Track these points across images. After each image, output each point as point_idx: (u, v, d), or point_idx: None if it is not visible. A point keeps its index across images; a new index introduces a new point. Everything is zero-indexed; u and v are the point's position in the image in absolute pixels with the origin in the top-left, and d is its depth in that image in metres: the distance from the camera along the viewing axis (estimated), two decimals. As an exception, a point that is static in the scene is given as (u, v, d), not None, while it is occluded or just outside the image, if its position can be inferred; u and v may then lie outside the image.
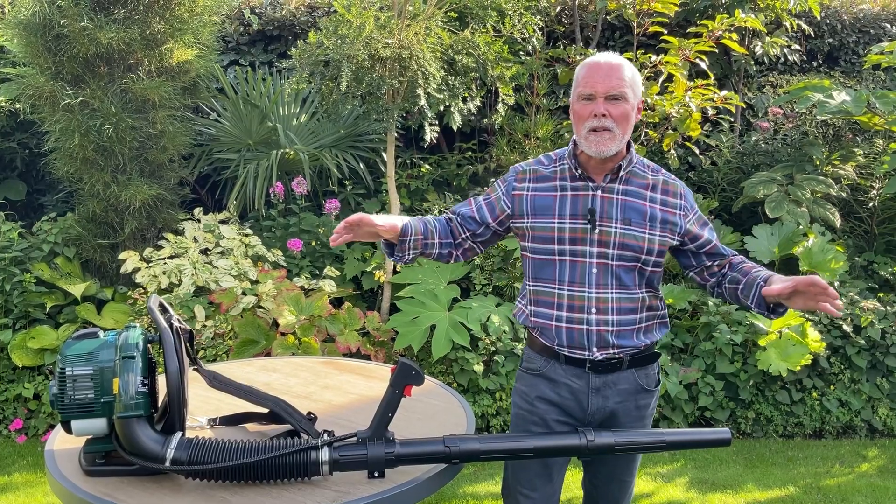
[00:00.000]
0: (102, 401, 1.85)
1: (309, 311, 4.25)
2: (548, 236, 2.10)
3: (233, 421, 2.20)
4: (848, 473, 3.90)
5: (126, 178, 4.54)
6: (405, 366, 1.92)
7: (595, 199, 2.07)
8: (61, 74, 4.39)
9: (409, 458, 1.91)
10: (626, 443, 1.97)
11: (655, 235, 2.07)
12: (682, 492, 3.68)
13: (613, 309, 2.08)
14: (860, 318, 4.45)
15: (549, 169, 2.15)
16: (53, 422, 4.22)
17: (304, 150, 5.01)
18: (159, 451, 1.81)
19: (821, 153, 5.37)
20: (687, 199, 2.14)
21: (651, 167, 2.16)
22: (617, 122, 2.00)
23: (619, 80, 2.00)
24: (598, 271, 2.08)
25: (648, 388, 2.19)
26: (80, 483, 1.87)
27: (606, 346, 2.09)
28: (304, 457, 1.85)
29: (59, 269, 4.66)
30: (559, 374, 2.14)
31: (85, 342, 1.91)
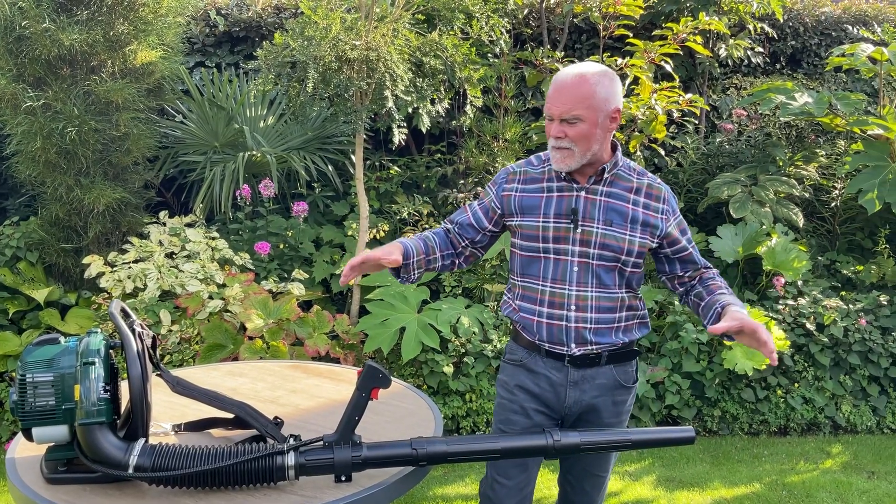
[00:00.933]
0: (64, 407, 1.82)
1: (277, 314, 4.23)
2: (533, 234, 2.18)
3: (198, 426, 2.18)
4: (812, 470, 3.97)
5: (90, 181, 4.47)
6: (372, 369, 1.92)
7: (578, 199, 2.14)
8: (23, 76, 4.32)
9: (376, 461, 1.90)
10: (591, 442, 1.98)
11: (636, 237, 2.13)
12: (650, 490, 3.72)
13: (592, 307, 2.15)
14: (823, 316, 4.53)
15: (538, 169, 2.23)
16: (17, 429, 4.14)
17: (272, 152, 4.98)
18: (122, 457, 1.79)
19: (784, 154, 5.45)
20: (670, 204, 2.19)
21: (637, 170, 2.21)
22: (575, 142, 2.07)
23: (574, 103, 2.04)
24: (580, 269, 2.14)
25: (626, 384, 2.25)
26: (41, 491, 1.84)
27: (584, 343, 2.16)
28: (270, 462, 1.84)
29: (22, 274, 4.58)
30: (540, 365, 2.22)
31: (45, 348, 1.89)
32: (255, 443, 1.94)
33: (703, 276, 2.25)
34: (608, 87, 2.07)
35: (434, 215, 5.25)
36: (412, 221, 5.20)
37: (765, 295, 4.90)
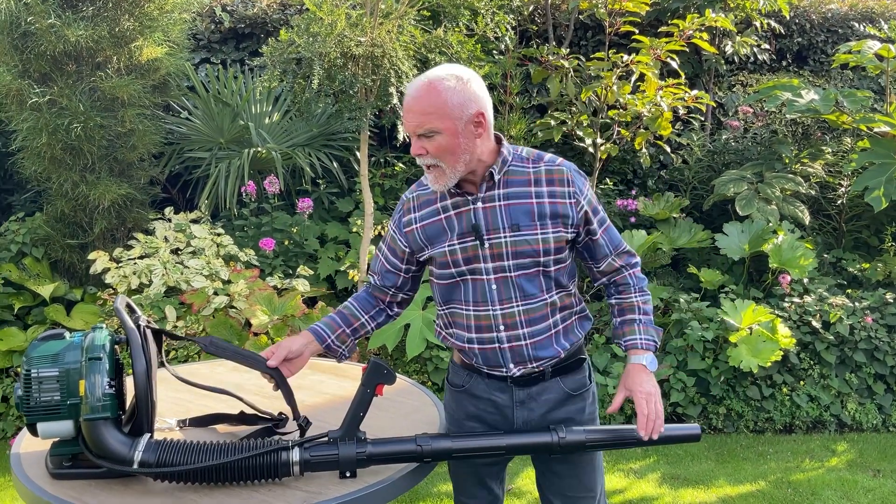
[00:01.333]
0: (69, 403, 1.83)
1: (282, 311, 4.23)
2: (444, 261, 2.00)
3: (203, 422, 2.18)
4: (818, 468, 3.96)
5: (95, 177, 4.48)
6: (376, 365, 1.92)
7: (477, 212, 1.96)
8: (28, 73, 4.33)
9: (380, 457, 1.90)
10: (597, 440, 1.98)
11: (548, 233, 1.95)
12: (654, 487, 3.71)
13: (522, 322, 1.98)
14: (829, 314, 4.51)
15: (430, 189, 2.01)
16: (23, 424, 4.16)
17: (277, 148, 4.98)
18: (127, 453, 1.79)
19: (790, 151, 5.43)
20: (576, 185, 1.98)
21: (531, 158, 2.00)
22: (439, 157, 1.88)
23: (424, 117, 1.85)
24: (498, 286, 1.97)
25: (577, 392, 2.09)
26: (46, 486, 1.84)
27: (523, 361, 2.01)
28: (275, 457, 1.84)
29: (28, 270, 4.59)
30: (482, 389, 2.09)
31: (50, 343, 1.89)
32: (259, 438, 1.94)
33: (618, 283, 2.11)
34: (462, 92, 1.85)
35: (439, 212, 5.24)
36: (417, 218, 5.19)
37: (770, 292, 4.88)
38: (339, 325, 2.13)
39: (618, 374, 4.33)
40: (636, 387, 1.99)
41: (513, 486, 3.65)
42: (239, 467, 1.81)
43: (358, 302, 2.18)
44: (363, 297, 2.20)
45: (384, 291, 2.17)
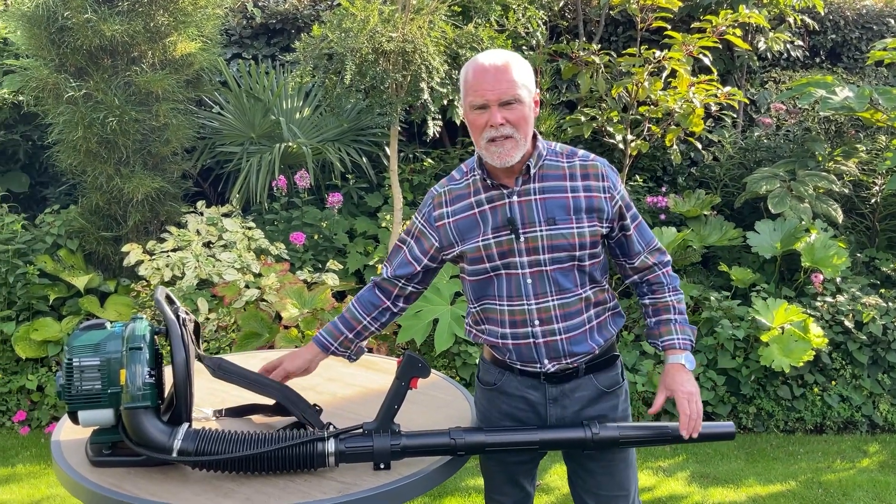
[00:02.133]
0: (109, 392, 1.85)
1: (312, 304, 4.26)
2: (477, 256, 1.99)
3: (239, 412, 2.21)
4: (849, 468, 3.91)
5: (129, 170, 4.54)
6: (412, 358, 1.93)
7: (512, 206, 1.96)
8: (65, 66, 4.39)
9: (414, 449, 1.91)
10: (630, 436, 1.98)
11: (584, 228, 1.95)
12: (684, 486, 3.69)
13: (557, 316, 1.98)
14: (862, 313, 4.46)
15: (462, 184, 2.04)
16: (57, 413, 4.24)
17: (307, 143, 5.01)
18: (166, 441, 1.82)
19: (823, 149, 5.37)
20: (610, 179, 2.00)
21: (565, 153, 2.02)
22: (517, 127, 1.88)
23: (510, 83, 1.86)
24: (534, 280, 1.97)
25: (610, 390, 2.08)
26: (86, 473, 1.87)
27: (558, 357, 2.00)
28: (311, 448, 1.86)
29: (63, 262, 4.66)
30: (514, 386, 2.07)
31: (92, 333, 1.92)
32: (296, 429, 1.96)
33: (650, 281, 2.11)
34: (528, 71, 1.93)
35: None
36: (446, 213, 5.20)
37: (802, 291, 4.83)
38: (342, 331, 2.15)
39: (646, 371, 4.31)
40: (677, 386, 2.00)
41: (541, 483, 3.65)
42: (276, 457, 1.84)
43: (360, 304, 2.17)
44: (366, 298, 2.18)
45: (393, 284, 2.15)
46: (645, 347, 4.47)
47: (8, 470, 3.71)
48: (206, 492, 1.80)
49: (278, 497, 1.78)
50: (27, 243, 4.58)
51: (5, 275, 4.35)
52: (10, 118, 5.30)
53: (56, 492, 3.47)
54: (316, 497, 1.77)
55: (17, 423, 4.19)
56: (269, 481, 1.86)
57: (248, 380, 2.09)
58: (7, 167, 5.52)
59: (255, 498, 1.77)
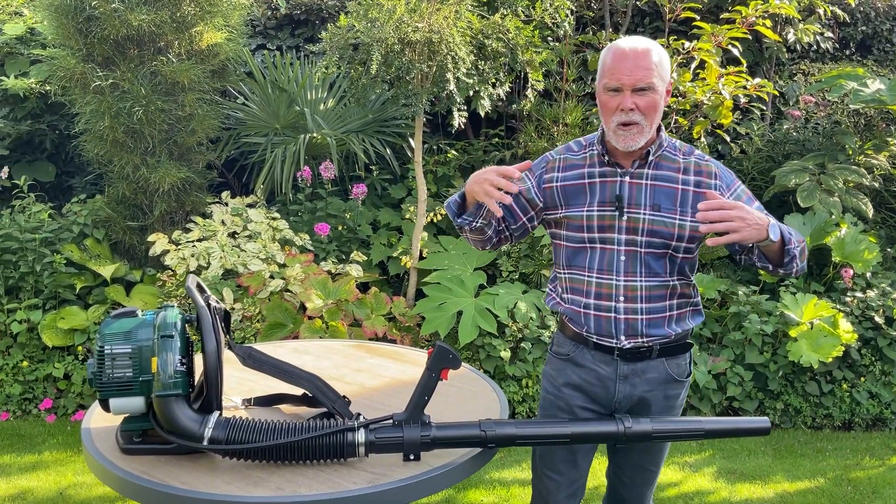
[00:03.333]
0: (141, 379, 1.85)
1: (336, 295, 4.26)
2: (578, 224, 2.07)
3: (267, 402, 2.21)
4: (879, 466, 3.86)
5: (155, 160, 4.55)
6: (442, 349, 1.91)
7: (623, 185, 2.03)
8: (92, 56, 4.41)
9: (445, 441, 1.90)
10: (663, 430, 1.95)
11: (686, 221, 2.00)
12: (710, 482, 3.66)
13: (642, 297, 2.04)
14: (892, 309, 4.39)
15: (579, 155, 2.11)
16: (83, 402, 4.27)
17: (332, 134, 5.00)
18: (197, 430, 1.82)
19: (853, 142, 5.28)
20: (723, 179, 2.04)
21: (683, 150, 2.08)
22: (645, 115, 1.93)
23: (646, 71, 1.91)
24: (627, 259, 2.04)
25: (679, 378, 2.14)
26: (116, 461, 1.88)
27: (635, 335, 2.06)
28: (341, 438, 1.85)
29: (89, 251, 4.69)
30: (587, 359, 2.12)
31: (123, 321, 1.92)
32: (325, 419, 1.95)
33: None
34: (667, 60, 1.97)
35: (492, 200, 5.21)
36: (470, 205, 5.18)
37: (832, 287, 4.77)
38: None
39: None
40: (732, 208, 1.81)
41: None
42: (306, 447, 1.83)
43: None
44: None
45: (500, 221, 2.17)
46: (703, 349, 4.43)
47: (35, 457, 3.74)
48: (237, 480, 1.80)
49: (308, 486, 1.77)
50: (54, 232, 4.60)
51: (32, 263, 4.37)
52: (37, 108, 5.33)
53: (83, 479, 3.50)
54: (346, 487, 1.77)
55: (44, 410, 4.23)
56: (299, 471, 1.85)
57: (277, 369, 2.09)
58: (34, 157, 5.56)
59: (285, 487, 1.77)
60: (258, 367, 2.10)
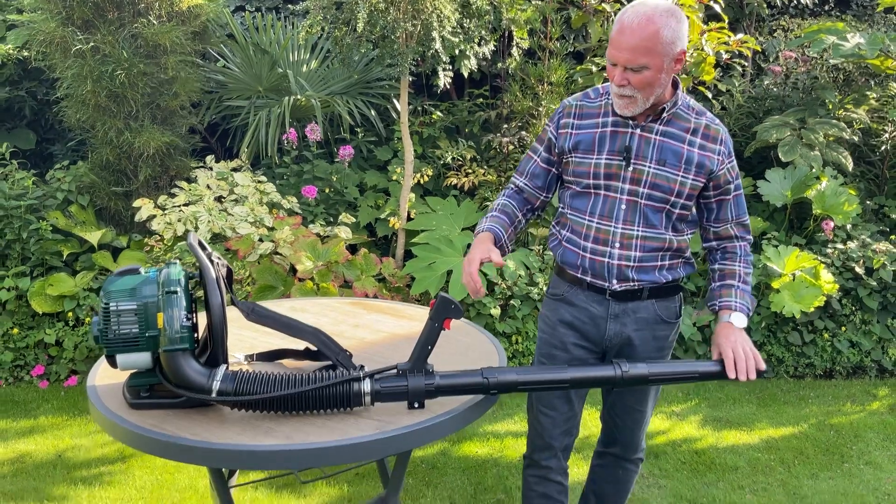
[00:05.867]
0: (147, 335, 1.87)
1: (326, 257, 4.28)
2: (585, 171, 2.14)
3: (269, 357, 2.24)
4: (859, 411, 3.98)
5: (139, 124, 4.52)
6: (445, 300, 1.95)
7: (633, 137, 2.09)
8: (71, 20, 4.34)
9: (448, 389, 1.94)
10: (659, 374, 2.01)
11: (688, 179, 2.08)
12: (697, 429, 3.76)
13: (637, 245, 2.12)
14: (872, 260, 4.49)
15: (595, 103, 2.17)
16: (76, 367, 4.28)
17: (316, 96, 4.98)
18: (205, 383, 1.85)
19: (833, 97, 5.34)
20: (726, 146, 2.12)
21: (696, 110, 2.13)
22: (639, 89, 1.98)
23: (638, 53, 1.92)
24: (627, 207, 2.11)
25: (668, 319, 2.23)
26: (127, 416, 1.90)
27: (626, 280, 2.14)
28: (348, 388, 1.89)
29: (74, 217, 4.66)
30: (581, 299, 2.21)
31: (127, 278, 1.93)
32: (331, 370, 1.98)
33: (727, 250, 2.23)
34: (675, 29, 1.93)
35: (477, 160, 5.24)
36: (456, 166, 5.20)
37: (812, 239, 4.86)
38: (509, 223, 2.24)
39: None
40: (722, 340, 2.08)
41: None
42: (314, 397, 1.87)
43: (514, 201, 2.29)
44: (515, 198, 2.30)
45: (534, 195, 2.29)
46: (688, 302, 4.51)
47: (31, 422, 3.76)
48: (247, 431, 1.83)
49: (317, 435, 1.81)
50: (39, 199, 4.57)
51: (18, 230, 4.35)
52: (15, 74, 5.25)
53: (81, 442, 3.53)
54: (354, 435, 1.81)
55: (36, 377, 4.23)
56: (307, 420, 1.89)
57: (281, 323, 2.12)
58: (13, 124, 5.48)
59: (294, 436, 1.81)
60: (261, 321, 2.12)
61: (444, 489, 3.12)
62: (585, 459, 3.39)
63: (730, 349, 2.05)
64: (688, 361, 2.07)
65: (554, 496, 2.40)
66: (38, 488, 3.09)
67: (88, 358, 4.26)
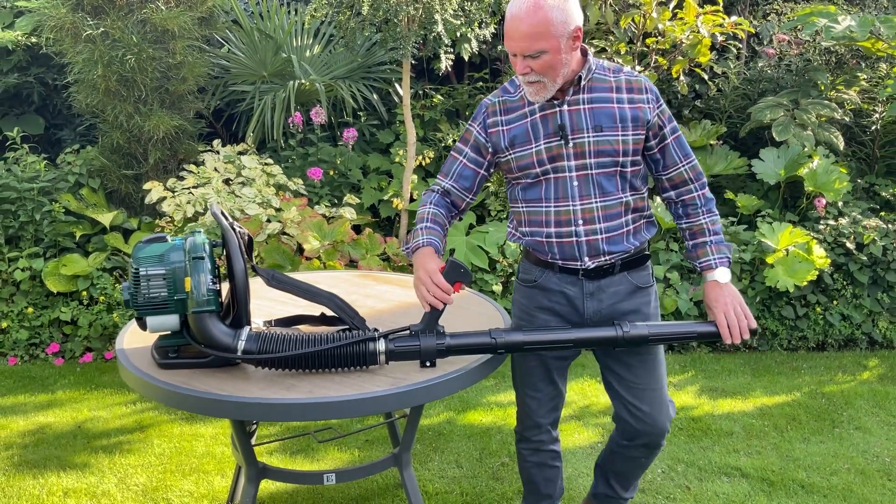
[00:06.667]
0: (175, 298, 2.00)
1: (332, 236, 4.40)
2: (529, 162, 2.15)
3: (287, 322, 2.35)
4: (850, 381, 4.11)
5: (148, 108, 4.62)
6: (454, 264, 2.06)
7: (563, 114, 2.10)
8: (81, 5, 4.43)
9: (458, 348, 2.07)
10: (659, 334, 2.12)
11: (629, 136, 2.10)
12: (693, 398, 3.89)
13: (599, 217, 2.14)
14: (863, 236, 4.62)
15: (516, 96, 2.18)
16: (90, 344, 4.40)
17: (320, 80, 5.08)
18: (231, 342, 1.98)
19: (826, 78, 5.46)
20: (652, 92, 2.15)
21: (612, 69, 2.15)
22: (543, 74, 2.00)
23: (532, 40, 1.95)
24: (580, 183, 2.12)
25: (642, 286, 2.25)
26: (158, 375, 2.03)
27: (598, 255, 2.16)
28: (364, 347, 2.01)
29: (85, 200, 4.77)
30: (554, 283, 2.23)
31: (155, 245, 2.05)
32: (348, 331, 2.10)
33: (686, 202, 2.25)
34: (563, 9, 1.95)
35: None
36: (457, 148, 5.30)
37: (805, 216, 4.98)
38: (443, 235, 2.24)
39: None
40: (712, 302, 2.17)
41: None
42: (333, 355, 1.99)
43: (441, 208, 2.27)
44: (442, 203, 2.28)
45: (461, 197, 2.28)
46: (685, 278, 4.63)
47: (49, 396, 3.88)
48: (271, 387, 1.96)
49: (337, 390, 1.93)
50: (51, 182, 4.67)
51: (31, 212, 4.46)
52: (23, 60, 5.35)
53: (99, 414, 3.65)
54: (370, 390, 1.93)
55: (51, 354, 4.35)
56: (326, 377, 2.02)
57: (300, 289, 2.23)
58: (21, 110, 5.58)
59: (315, 391, 1.93)
60: (281, 286, 2.24)
61: (450, 454, 3.25)
62: (587, 426, 3.52)
63: (721, 314, 2.13)
64: (685, 322, 2.18)
65: (548, 462, 2.51)
66: (60, 457, 3.21)
67: (103, 336, 4.39)
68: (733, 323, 2.13)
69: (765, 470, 3.14)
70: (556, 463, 2.54)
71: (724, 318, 2.14)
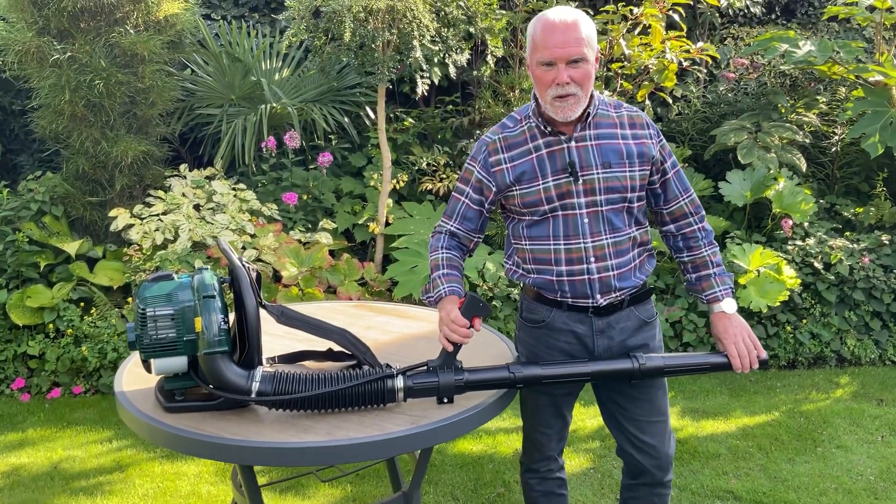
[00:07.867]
0: (185, 339, 1.92)
1: (310, 262, 4.33)
2: (536, 199, 2.11)
3: (291, 359, 2.29)
4: (825, 399, 4.20)
5: (115, 134, 4.50)
6: (473, 298, 2.04)
7: (571, 150, 2.08)
8: (48, 29, 4.31)
9: (477, 384, 2.04)
10: (674, 365, 2.12)
11: (636, 171, 2.11)
12: (677, 420, 3.92)
13: (610, 253, 2.12)
14: (830, 255, 4.74)
15: (517, 131, 2.15)
16: (57, 379, 4.23)
17: (292, 104, 5.02)
18: (245, 384, 1.91)
19: (785, 101, 5.61)
20: (653, 128, 2.17)
21: (612, 104, 2.16)
22: (581, 85, 1.99)
23: (578, 42, 1.96)
24: (590, 220, 2.10)
25: (648, 320, 2.25)
26: (164, 419, 1.94)
27: (609, 291, 2.14)
28: (382, 385, 1.97)
29: (48, 228, 4.61)
30: (562, 322, 2.20)
31: (162, 284, 1.98)
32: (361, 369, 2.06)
33: (686, 236, 2.25)
34: (595, 29, 2.03)
35: (451, 165, 5.34)
36: (430, 171, 5.29)
37: (772, 237, 5.10)
38: (460, 276, 2.21)
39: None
40: (721, 333, 2.20)
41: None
42: (351, 394, 1.94)
43: (453, 251, 2.25)
44: (453, 245, 2.26)
45: (469, 238, 2.26)
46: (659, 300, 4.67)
47: (19, 435, 3.72)
48: (287, 429, 1.89)
49: (357, 430, 1.88)
50: (13, 210, 4.51)
51: (-6, 243, 4.30)
52: (-21, 84, 5.17)
53: (73, 453, 3.51)
54: (391, 430, 1.88)
55: (17, 390, 4.18)
56: (343, 417, 1.96)
57: (310, 325, 2.18)
58: (-24, 135, 5.39)
59: (334, 433, 1.88)
60: (291, 323, 2.18)
61: (444, 486, 3.21)
62: (577, 452, 3.52)
63: (732, 345, 2.16)
64: (697, 354, 2.20)
65: (555, 491, 2.49)
66: (37, 500, 3.07)
67: (70, 370, 4.23)
68: (744, 354, 2.15)
69: (756, 492, 3.17)
70: (563, 491, 2.52)
71: (734, 349, 2.16)
